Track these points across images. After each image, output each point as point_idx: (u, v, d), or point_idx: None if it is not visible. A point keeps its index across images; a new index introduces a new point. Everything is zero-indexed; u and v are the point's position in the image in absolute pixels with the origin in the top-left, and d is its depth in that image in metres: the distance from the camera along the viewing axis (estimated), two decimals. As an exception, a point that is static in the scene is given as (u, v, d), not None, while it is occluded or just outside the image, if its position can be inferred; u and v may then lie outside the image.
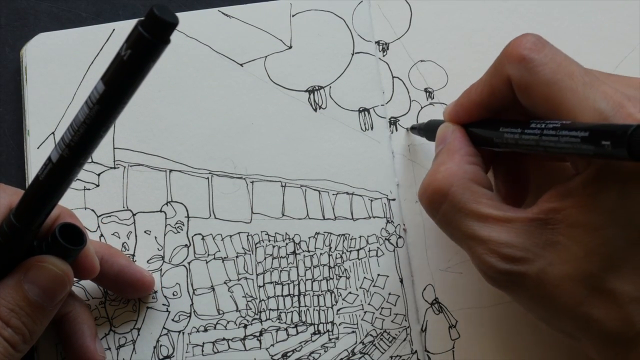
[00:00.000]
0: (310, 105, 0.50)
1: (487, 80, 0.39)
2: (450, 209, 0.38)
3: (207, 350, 0.46)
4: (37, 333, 0.39)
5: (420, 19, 0.51)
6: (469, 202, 0.37)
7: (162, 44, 0.30)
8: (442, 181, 0.38)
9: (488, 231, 0.36)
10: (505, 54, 0.38)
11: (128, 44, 0.30)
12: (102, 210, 0.48)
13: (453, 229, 0.38)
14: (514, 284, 0.36)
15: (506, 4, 0.51)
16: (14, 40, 0.52)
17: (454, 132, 0.41)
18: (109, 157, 0.49)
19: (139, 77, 0.31)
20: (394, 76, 0.50)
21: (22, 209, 0.37)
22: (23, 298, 0.38)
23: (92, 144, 0.33)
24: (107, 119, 0.32)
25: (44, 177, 0.35)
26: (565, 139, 0.33)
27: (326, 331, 0.47)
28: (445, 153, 0.40)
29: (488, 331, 0.46)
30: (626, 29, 0.51)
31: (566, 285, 0.34)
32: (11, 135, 0.50)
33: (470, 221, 0.37)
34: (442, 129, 0.42)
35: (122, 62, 0.31)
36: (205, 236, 0.48)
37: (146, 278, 0.46)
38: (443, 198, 0.38)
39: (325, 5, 0.51)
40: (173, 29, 0.30)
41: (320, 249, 0.48)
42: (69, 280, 0.40)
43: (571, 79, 0.35)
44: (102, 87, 0.31)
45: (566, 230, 0.34)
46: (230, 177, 0.49)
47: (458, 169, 0.39)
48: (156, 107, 0.49)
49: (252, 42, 0.50)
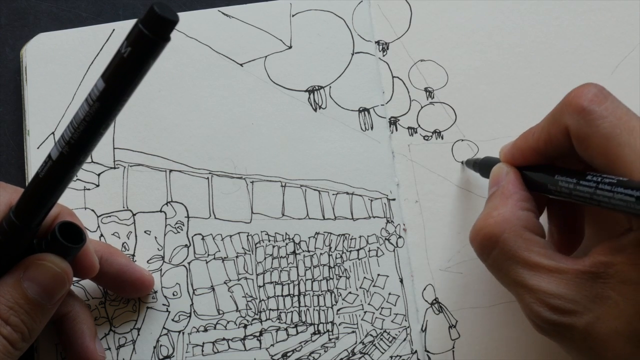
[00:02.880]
0: (310, 105, 0.50)
1: (545, 127, 0.39)
2: (501, 255, 0.38)
3: (207, 350, 0.46)
4: (36, 331, 0.39)
5: (420, 18, 0.51)
6: (520, 250, 0.37)
7: (163, 42, 0.30)
8: (495, 227, 0.38)
9: (538, 281, 0.36)
10: (565, 103, 0.37)
11: (128, 41, 0.30)
12: (102, 210, 0.48)
13: (503, 275, 0.38)
14: (561, 334, 0.36)
15: (506, 4, 0.51)
16: (14, 40, 0.52)
17: (508, 175, 0.41)
18: (109, 157, 0.49)
19: (139, 74, 0.31)
20: (394, 76, 0.50)
21: (22, 207, 0.37)
22: (22, 296, 0.38)
23: (92, 142, 0.33)
24: (107, 116, 0.32)
25: (44, 175, 0.35)
26: (619, 196, 0.33)
27: (326, 331, 0.47)
28: (498, 197, 0.40)
29: (488, 331, 0.46)
30: (626, 29, 0.51)
31: (614, 341, 0.34)
32: (11, 135, 0.50)
33: (520, 269, 0.37)
34: (497, 170, 0.42)
35: (122, 60, 0.31)
36: (205, 236, 0.48)
37: (146, 277, 0.46)
38: (494, 244, 0.38)
39: (325, 5, 0.51)
40: (173, 27, 0.30)
41: (320, 249, 0.48)
42: (68, 279, 0.40)
43: (631, 134, 0.34)
44: (103, 85, 0.31)
45: (617, 286, 0.34)
46: (230, 177, 0.49)
47: (511, 215, 0.38)
48: (156, 107, 0.49)
49: (252, 42, 0.50)
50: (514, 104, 0.50)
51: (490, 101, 0.50)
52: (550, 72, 0.50)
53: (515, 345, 0.46)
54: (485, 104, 0.50)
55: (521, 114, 0.49)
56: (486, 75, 0.50)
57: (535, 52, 0.50)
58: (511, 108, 0.49)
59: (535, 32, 0.51)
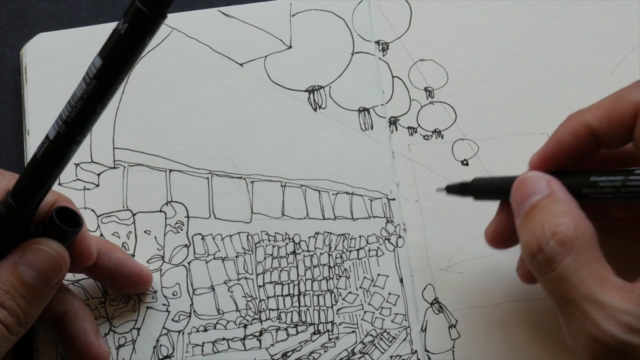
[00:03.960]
0: (310, 105, 0.50)
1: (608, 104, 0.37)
2: (574, 264, 0.35)
3: (207, 350, 0.46)
4: (32, 316, 0.39)
5: (420, 18, 0.51)
6: (592, 261, 0.35)
7: (159, 18, 0.30)
8: (569, 233, 0.35)
9: (610, 297, 0.34)
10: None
11: (125, 18, 0.31)
12: (102, 210, 0.48)
13: (569, 288, 0.35)
14: (628, 357, 0.33)
15: (506, 3, 0.51)
16: (14, 40, 0.52)
17: (552, 182, 0.38)
18: (109, 157, 0.49)
19: (136, 51, 0.31)
20: (394, 76, 0.50)
21: (20, 188, 0.37)
22: (18, 280, 0.38)
23: (89, 121, 0.33)
24: (105, 94, 0.32)
25: (41, 155, 0.35)
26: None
27: (326, 331, 0.47)
28: (555, 203, 0.37)
29: (488, 331, 0.46)
30: (626, 28, 0.50)
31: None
32: (11, 135, 0.50)
33: (591, 282, 0.34)
34: (531, 180, 0.39)
35: (119, 36, 0.31)
36: (205, 236, 0.48)
37: (144, 272, 0.46)
38: (567, 251, 0.35)
39: (325, 5, 0.51)
40: (170, 3, 0.30)
41: (320, 249, 0.48)
42: (65, 263, 0.39)
43: None
44: (100, 62, 0.32)
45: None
46: (230, 177, 0.49)
47: (583, 222, 0.36)
48: (156, 107, 0.49)
49: (252, 42, 0.50)
50: (514, 103, 0.50)
51: (490, 100, 0.50)
52: (550, 72, 0.50)
53: (515, 345, 0.46)
54: (485, 103, 0.50)
55: (521, 113, 0.49)
56: (486, 74, 0.50)
57: (535, 52, 0.50)
58: (511, 107, 0.49)
59: (535, 32, 0.51)
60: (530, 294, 0.46)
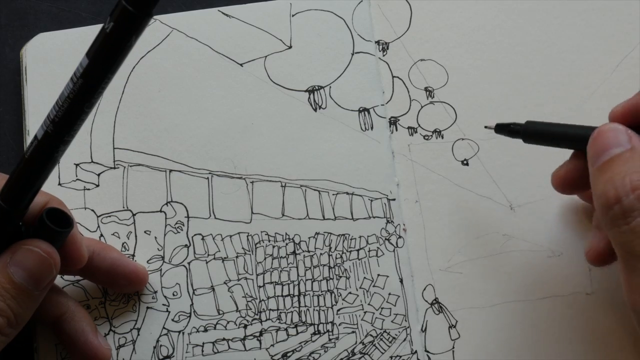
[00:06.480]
0: (310, 105, 0.50)
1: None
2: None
3: (207, 350, 0.46)
4: (23, 317, 0.39)
5: (420, 18, 0.51)
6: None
7: (145, 17, 0.31)
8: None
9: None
10: None
11: (111, 17, 0.31)
12: (102, 211, 0.48)
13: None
14: None
15: (506, 3, 0.51)
16: (14, 40, 0.52)
17: (633, 137, 0.38)
18: (109, 157, 0.49)
19: (121, 49, 0.31)
20: (394, 76, 0.50)
21: (9, 189, 0.37)
22: (8, 281, 0.38)
23: (76, 120, 0.33)
24: (91, 93, 0.33)
25: (30, 155, 0.35)
26: None
27: (326, 331, 0.47)
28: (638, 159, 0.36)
29: (488, 331, 0.46)
30: (626, 28, 0.50)
31: None
32: (11, 135, 0.50)
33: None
34: (613, 132, 0.38)
35: (105, 35, 0.31)
36: (205, 236, 0.48)
37: (140, 270, 0.46)
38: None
39: (325, 5, 0.51)
40: (155, 2, 0.30)
41: (320, 249, 0.48)
42: (55, 264, 0.39)
43: None
44: (86, 61, 0.32)
45: None
46: (230, 177, 0.49)
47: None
48: (156, 107, 0.49)
49: (252, 42, 0.50)
50: (514, 103, 0.50)
51: (490, 100, 0.50)
52: (550, 71, 0.50)
53: (515, 345, 0.46)
54: (485, 103, 0.50)
55: (521, 113, 0.49)
56: (486, 74, 0.50)
57: (535, 52, 0.50)
58: (511, 107, 0.49)
59: (535, 32, 0.51)
60: (530, 294, 0.46)
